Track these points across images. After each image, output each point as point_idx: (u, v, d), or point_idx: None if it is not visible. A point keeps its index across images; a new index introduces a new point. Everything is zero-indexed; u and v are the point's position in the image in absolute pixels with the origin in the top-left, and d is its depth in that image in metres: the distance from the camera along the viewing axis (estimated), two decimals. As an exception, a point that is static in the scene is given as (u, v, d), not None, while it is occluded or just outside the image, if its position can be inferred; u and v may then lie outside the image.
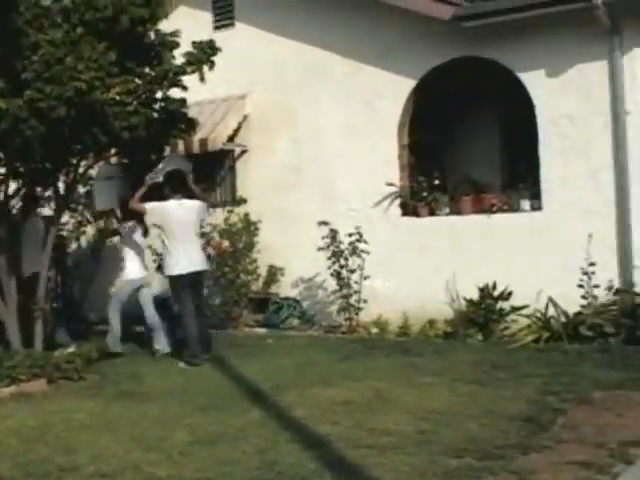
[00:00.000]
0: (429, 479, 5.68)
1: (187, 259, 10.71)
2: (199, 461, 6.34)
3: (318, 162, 13.12)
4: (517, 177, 11.79)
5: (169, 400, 8.47)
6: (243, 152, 13.97)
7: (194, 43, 10.66)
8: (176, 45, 10.61)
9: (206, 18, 14.28)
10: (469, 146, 13.18)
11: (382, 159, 12.44)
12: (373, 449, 6.42)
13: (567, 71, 10.96)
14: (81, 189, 13.66)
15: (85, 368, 10.03)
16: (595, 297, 10.54)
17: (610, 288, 10.58)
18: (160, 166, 11.08)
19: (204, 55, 10.55)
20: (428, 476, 5.73)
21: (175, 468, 6.20)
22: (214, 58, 10.69)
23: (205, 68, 10.64)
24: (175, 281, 10.76)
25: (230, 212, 13.64)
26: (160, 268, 12.02)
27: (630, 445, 6.29)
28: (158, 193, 11.00)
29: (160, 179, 10.99)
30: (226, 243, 13.30)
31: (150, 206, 10.85)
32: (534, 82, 11.16)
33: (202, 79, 10.66)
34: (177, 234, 10.73)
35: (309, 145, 13.23)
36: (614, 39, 10.54)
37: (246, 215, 13.60)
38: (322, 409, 7.75)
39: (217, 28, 14.11)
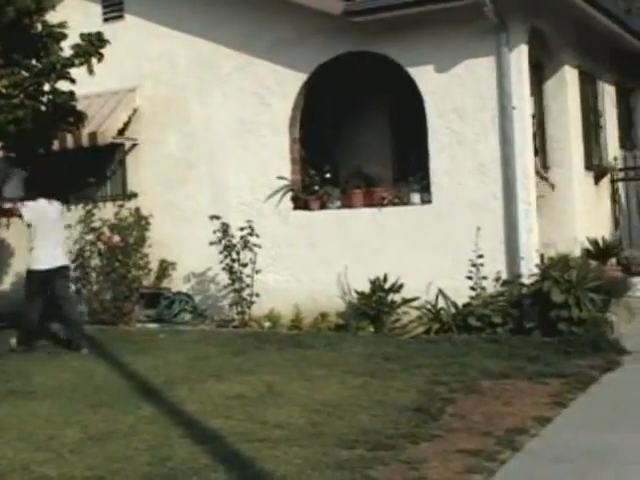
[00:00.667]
0: (322, 471, 5.72)
1: (50, 255, 10.98)
2: (90, 459, 6.25)
3: (209, 156, 13.06)
4: (407, 171, 11.93)
5: (59, 398, 8.32)
6: (134, 146, 13.80)
7: (82, 35, 10.52)
8: (64, 37, 10.44)
9: (95, 10, 14.03)
10: (360, 140, 13.29)
11: (273, 153, 12.45)
12: (266, 442, 6.44)
13: (455, 66, 11.13)
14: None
15: (-29, 367, 9.82)
16: (483, 288, 10.76)
17: (498, 279, 10.82)
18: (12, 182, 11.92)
19: (92, 47, 10.43)
20: (321, 468, 5.77)
21: (65, 467, 6.10)
22: (103, 50, 10.57)
23: (94, 60, 10.50)
24: (33, 276, 11.01)
25: (120, 207, 13.50)
26: None
27: (517, 432, 6.47)
28: None
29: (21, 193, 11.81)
30: (117, 238, 13.15)
31: (26, 205, 11.10)
32: (423, 77, 11.30)
33: (91, 72, 10.53)
34: (47, 231, 10.97)
35: (200, 139, 13.15)
36: (501, 35, 10.74)
37: (137, 210, 13.47)
38: (214, 403, 7.74)
39: (106, 20, 13.90)
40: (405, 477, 5.59)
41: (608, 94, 14.34)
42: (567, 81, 12.44)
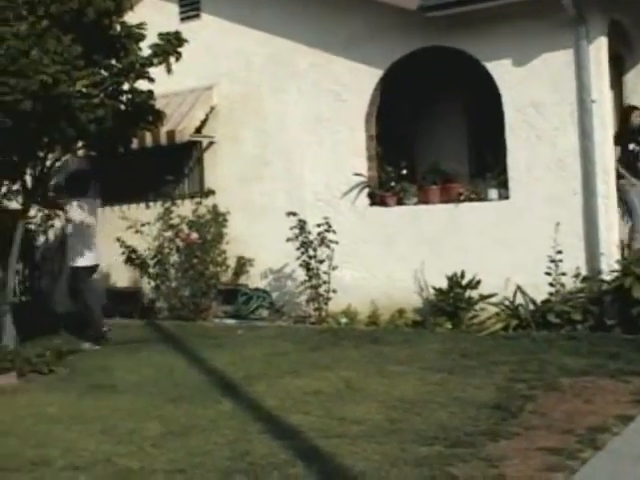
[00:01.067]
0: (400, 467, 5.71)
1: (93, 252, 11.77)
2: (171, 453, 6.34)
3: (285, 153, 13.12)
4: (484, 166, 11.84)
5: (139, 392, 8.44)
6: (211, 143, 13.94)
7: (160, 35, 10.60)
8: (142, 37, 10.51)
9: (172, 9, 14.22)
10: (437, 136, 13.23)
11: (350, 149, 12.46)
12: (344, 438, 6.45)
13: (533, 60, 11.01)
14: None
15: (55, 361, 9.99)
16: (563, 285, 10.62)
17: (577, 275, 10.67)
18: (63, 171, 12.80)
19: (170, 46, 10.50)
20: (399, 464, 5.76)
21: (147, 460, 6.19)
22: (180, 49, 10.65)
23: (172, 60, 10.59)
24: (81, 271, 11.71)
25: (198, 204, 13.62)
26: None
27: (598, 431, 6.37)
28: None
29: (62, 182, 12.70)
30: (195, 235, 13.29)
31: (70, 202, 11.80)
32: (500, 71, 11.21)
33: (169, 70, 10.61)
34: (88, 228, 11.71)
35: (276, 136, 13.22)
36: (580, 28, 10.59)
37: (214, 206, 13.59)
38: (292, 399, 7.77)
39: (183, 20, 14.06)
40: (485, 474, 5.55)
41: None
42: (647, 74, 12.26)
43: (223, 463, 6.02)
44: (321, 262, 12.12)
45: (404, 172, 12.27)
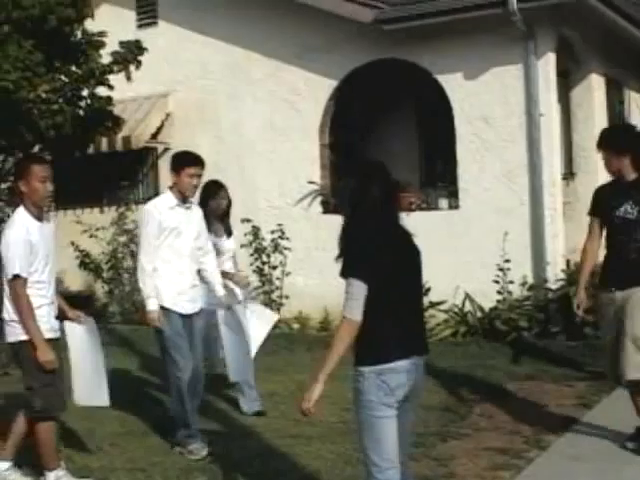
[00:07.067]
0: (354, 465, 5.92)
1: None
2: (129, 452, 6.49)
3: (240, 160, 13.24)
4: (436, 176, 12.10)
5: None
6: (166, 150, 14.04)
7: (121, 43, 10.73)
8: (102, 44, 10.64)
9: (129, 16, 14.29)
10: (389, 145, 13.43)
11: (303, 158, 12.63)
12: (299, 438, 6.66)
13: (484, 74, 11.30)
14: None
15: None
16: (510, 292, 10.90)
17: (524, 284, 10.95)
18: None
19: (130, 54, 10.64)
20: (353, 463, 5.98)
21: (105, 459, 6.35)
22: (140, 57, 10.78)
23: (131, 67, 10.72)
24: None
25: (154, 209, 13.66)
26: None
27: (543, 432, 6.65)
28: None
29: None
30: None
31: None
32: (452, 84, 11.48)
33: (129, 78, 10.75)
34: None
35: (231, 143, 13.34)
36: (529, 44, 10.91)
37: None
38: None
39: (140, 27, 14.16)
40: (435, 473, 5.79)
41: (634, 101, 14.44)
42: (593, 88, 12.56)
43: (182, 462, 6.19)
44: (274, 268, 12.28)
45: (357, 181, 12.45)
